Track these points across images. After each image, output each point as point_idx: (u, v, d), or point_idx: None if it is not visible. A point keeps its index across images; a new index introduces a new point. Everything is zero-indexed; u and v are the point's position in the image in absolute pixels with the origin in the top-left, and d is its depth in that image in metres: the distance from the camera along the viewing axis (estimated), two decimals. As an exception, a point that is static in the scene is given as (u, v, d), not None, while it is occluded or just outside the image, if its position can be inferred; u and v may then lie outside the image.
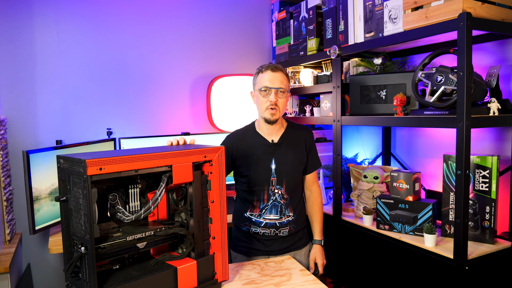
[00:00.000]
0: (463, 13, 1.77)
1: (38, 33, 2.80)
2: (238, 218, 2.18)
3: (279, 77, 2.05)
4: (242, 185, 2.14)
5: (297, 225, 2.14)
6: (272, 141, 2.12)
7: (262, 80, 2.06)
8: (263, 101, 2.05)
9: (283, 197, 2.09)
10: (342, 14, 2.55)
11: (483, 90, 1.99)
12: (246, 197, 2.13)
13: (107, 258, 1.38)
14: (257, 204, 2.10)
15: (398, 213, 2.25)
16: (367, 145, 3.24)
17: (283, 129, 2.16)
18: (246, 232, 2.14)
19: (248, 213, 2.12)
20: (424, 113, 2.06)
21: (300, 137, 2.17)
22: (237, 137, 2.17)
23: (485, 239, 2.04)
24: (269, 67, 2.07)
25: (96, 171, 1.26)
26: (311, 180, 2.24)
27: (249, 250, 2.13)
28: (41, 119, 2.83)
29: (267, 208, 2.09)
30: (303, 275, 1.79)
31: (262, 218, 2.09)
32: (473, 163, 2.04)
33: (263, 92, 2.05)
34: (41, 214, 2.32)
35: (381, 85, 2.38)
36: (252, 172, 2.08)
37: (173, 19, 3.25)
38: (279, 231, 2.09)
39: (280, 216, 2.09)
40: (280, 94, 2.04)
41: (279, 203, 2.08)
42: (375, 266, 2.34)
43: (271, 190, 2.08)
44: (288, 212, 2.10)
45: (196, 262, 1.56)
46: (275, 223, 2.09)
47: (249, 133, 2.17)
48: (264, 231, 2.10)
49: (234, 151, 2.12)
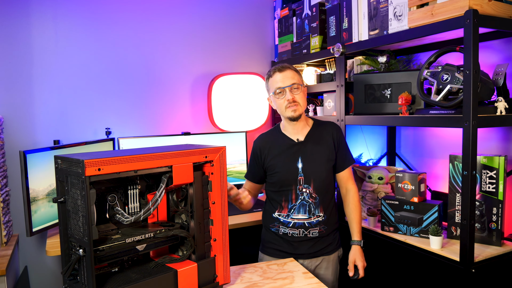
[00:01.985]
0: (469, 10, 1.77)
1: (35, 30, 2.81)
2: (267, 219, 2.19)
3: (289, 74, 2.06)
4: (270, 185, 2.16)
5: (328, 226, 2.12)
6: (297, 140, 2.13)
7: (273, 83, 2.08)
8: (281, 103, 2.07)
9: (311, 196, 2.08)
10: (346, 11, 2.55)
11: (490, 89, 1.98)
12: (274, 197, 2.15)
13: (106, 260, 1.38)
14: (285, 204, 2.10)
15: (403, 215, 2.25)
16: (372, 145, 3.23)
17: (309, 127, 2.16)
18: (275, 233, 2.15)
19: (276, 214, 2.13)
20: (430, 113, 2.06)
21: (327, 134, 2.15)
22: (262, 140, 2.20)
23: (492, 241, 2.04)
24: (276, 69, 2.09)
25: (95, 172, 1.26)
26: (345, 177, 2.19)
27: (276, 252, 2.14)
28: (39, 118, 2.84)
29: (295, 208, 2.09)
30: (306, 278, 1.79)
31: (290, 218, 2.09)
32: (480, 164, 2.04)
33: (278, 94, 2.07)
34: (38, 216, 2.33)
35: (385, 83, 2.38)
36: (279, 172, 2.09)
37: (173, 16, 3.25)
38: (308, 231, 2.08)
39: (309, 216, 2.08)
40: (295, 90, 2.06)
41: (307, 202, 2.08)
42: (379, 269, 2.33)
43: (299, 189, 2.08)
44: (318, 212, 2.09)
45: (196, 264, 1.56)
46: (304, 223, 2.08)
47: (274, 135, 2.19)
48: (292, 231, 2.09)
49: (261, 154, 2.16)
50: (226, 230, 1.65)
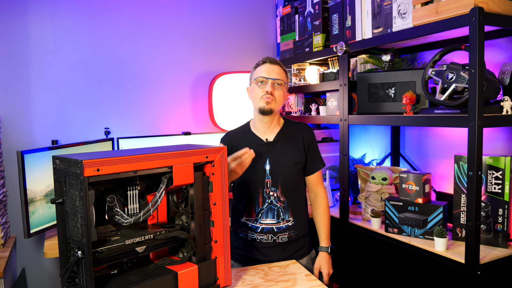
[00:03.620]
0: (475, 8, 1.76)
1: (33, 29, 2.81)
2: (235, 224, 2.17)
3: (277, 69, 2.05)
4: (237, 188, 2.14)
5: (298, 231, 2.10)
6: (266, 140, 2.10)
7: (259, 71, 2.06)
8: (258, 92, 2.04)
9: (279, 199, 2.06)
10: (349, 9, 2.55)
11: (495, 88, 1.98)
12: (241, 200, 2.12)
13: (105, 262, 1.38)
14: (252, 208, 2.08)
15: (408, 216, 2.25)
16: (375, 145, 3.23)
17: (279, 127, 2.13)
18: (243, 238, 2.12)
19: (244, 218, 2.11)
20: (435, 112, 2.06)
21: (297, 135, 2.13)
22: (231, 137, 2.16)
23: (498, 243, 2.04)
24: (267, 60, 2.07)
25: (94, 172, 1.27)
26: (314, 181, 2.17)
27: (246, 259, 2.11)
28: (36, 118, 2.85)
29: (263, 212, 2.06)
30: (308, 280, 1.79)
31: (258, 223, 2.07)
32: (486, 164, 2.03)
33: (259, 83, 2.04)
34: (36, 217, 2.33)
35: (389, 83, 2.38)
36: (246, 174, 2.03)
37: (173, 14, 3.25)
38: (277, 237, 2.06)
39: (277, 221, 2.06)
40: (277, 86, 2.04)
41: (275, 206, 2.06)
42: (383, 271, 2.33)
43: (266, 192, 2.06)
44: (288, 216, 2.07)
45: (197, 267, 1.56)
46: (272, 228, 2.06)
47: (243, 133, 2.16)
48: (261, 237, 2.07)
49: (228, 153, 2.10)
50: (227, 232, 1.65)
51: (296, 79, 3.21)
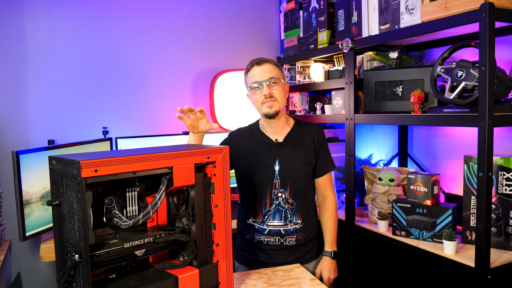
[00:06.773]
0: (485, 3, 1.76)
1: (29, 25, 2.82)
2: (241, 225, 2.18)
3: (266, 68, 2.04)
4: (244, 188, 2.14)
5: (306, 234, 2.10)
6: (276, 140, 2.10)
7: (250, 77, 2.07)
8: (257, 98, 2.05)
9: (287, 201, 2.06)
10: (355, 4, 2.55)
11: (506, 86, 1.98)
12: (248, 201, 2.13)
13: (103, 266, 1.39)
14: (259, 209, 2.08)
15: (416, 218, 2.25)
16: (382, 145, 3.23)
17: (289, 127, 2.14)
18: (249, 240, 2.13)
19: (250, 220, 2.11)
20: (444, 111, 2.06)
21: (308, 136, 2.13)
22: (239, 135, 2.18)
23: (509, 246, 2.04)
24: (253, 62, 2.07)
25: (91, 173, 1.27)
26: (323, 184, 2.18)
27: (252, 262, 2.12)
28: (32, 117, 2.85)
29: (270, 214, 2.07)
30: (313, 285, 1.79)
31: (265, 224, 2.07)
32: (496, 165, 2.03)
33: (255, 89, 2.05)
34: (32, 219, 2.34)
35: (397, 80, 2.38)
36: (254, 174, 2.06)
37: (173, 11, 3.26)
38: (284, 239, 2.07)
39: (285, 223, 2.07)
40: (273, 84, 2.03)
41: (283, 208, 2.06)
42: (390, 275, 2.33)
43: (274, 193, 2.07)
44: (296, 219, 2.08)
45: (198, 271, 1.56)
46: (280, 230, 2.06)
47: (252, 132, 2.17)
48: (268, 239, 2.08)
49: (235, 150, 2.12)
50: (229, 235, 1.65)
51: (301, 76, 3.21)
